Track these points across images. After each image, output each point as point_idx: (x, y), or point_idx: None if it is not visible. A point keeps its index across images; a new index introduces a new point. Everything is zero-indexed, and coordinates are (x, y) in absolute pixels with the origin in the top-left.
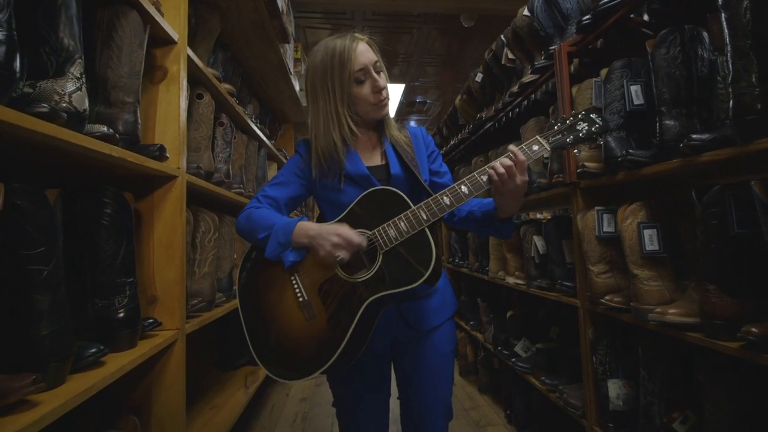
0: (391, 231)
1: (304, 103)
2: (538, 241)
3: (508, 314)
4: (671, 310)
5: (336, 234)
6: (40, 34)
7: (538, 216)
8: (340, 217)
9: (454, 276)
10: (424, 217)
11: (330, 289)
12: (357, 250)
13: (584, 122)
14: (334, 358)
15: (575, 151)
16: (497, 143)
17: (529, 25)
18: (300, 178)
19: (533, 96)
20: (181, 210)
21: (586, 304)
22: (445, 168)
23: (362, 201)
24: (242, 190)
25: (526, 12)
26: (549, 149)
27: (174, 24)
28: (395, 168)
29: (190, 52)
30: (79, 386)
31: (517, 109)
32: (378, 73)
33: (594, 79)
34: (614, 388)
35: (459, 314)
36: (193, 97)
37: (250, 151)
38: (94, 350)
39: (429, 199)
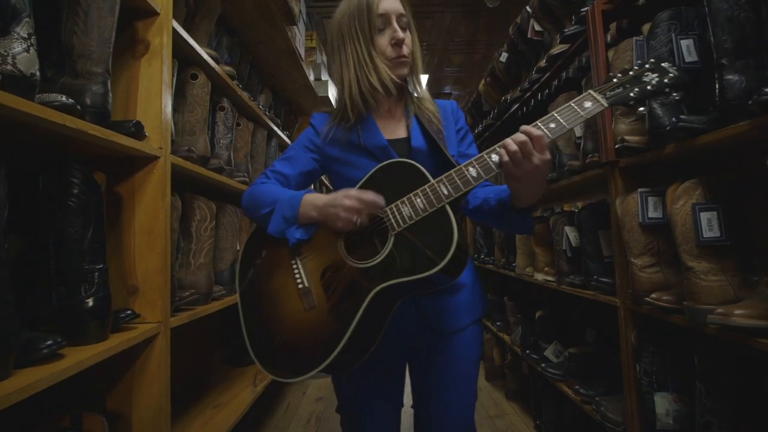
0: (405, 209)
1: (320, 93)
2: (570, 233)
3: (537, 314)
4: (737, 311)
5: (346, 196)
6: None
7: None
8: None
9: (480, 273)
10: (445, 192)
11: (333, 276)
12: (373, 212)
13: (653, 72)
14: (333, 356)
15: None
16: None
17: None
18: (312, 152)
19: (564, 74)
20: (164, 194)
21: (627, 303)
22: (474, 150)
23: (375, 176)
24: (246, 179)
25: None
26: (606, 105)
27: None
28: (417, 140)
29: (175, 25)
30: (23, 381)
31: (547, 90)
32: (403, 27)
33: (635, 38)
34: (662, 403)
35: (485, 314)
36: (188, 78)
37: (257, 139)
38: (49, 342)
39: (452, 171)
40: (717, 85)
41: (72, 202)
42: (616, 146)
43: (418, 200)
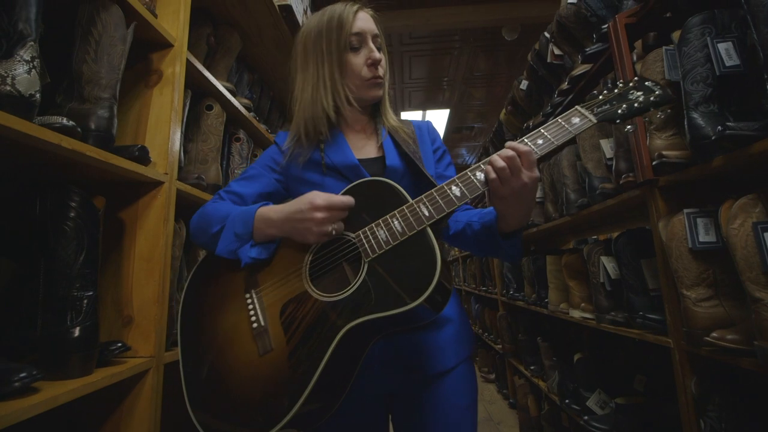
0: (381, 232)
1: None
2: (608, 263)
3: (576, 357)
4: None
5: (313, 207)
6: None
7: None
8: None
9: (510, 311)
10: (426, 214)
11: (295, 312)
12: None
13: (638, 90)
14: (294, 410)
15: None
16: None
17: (576, 13)
18: (274, 172)
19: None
20: (166, 219)
21: (682, 344)
22: (452, 171)
23: (346, 195)
24: None
25: None
26: (595, 121)
27: (171, 28)
28: (392, 159)
29: (190, 56)
30: None
31: None
32: (378, 48)
33: (665, 47)
34: None
35: (517, 356)
36: (203, 109)
37: None
38: (23, 374)
39: (432, 191)
40: None
41: (67, 226)
42: (654, 163)
43: (396, 222)
